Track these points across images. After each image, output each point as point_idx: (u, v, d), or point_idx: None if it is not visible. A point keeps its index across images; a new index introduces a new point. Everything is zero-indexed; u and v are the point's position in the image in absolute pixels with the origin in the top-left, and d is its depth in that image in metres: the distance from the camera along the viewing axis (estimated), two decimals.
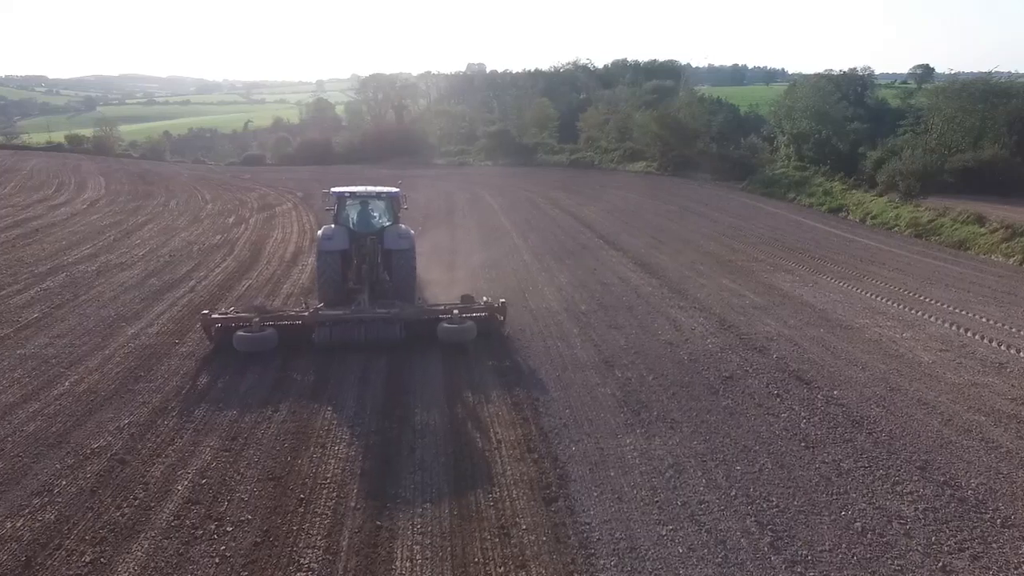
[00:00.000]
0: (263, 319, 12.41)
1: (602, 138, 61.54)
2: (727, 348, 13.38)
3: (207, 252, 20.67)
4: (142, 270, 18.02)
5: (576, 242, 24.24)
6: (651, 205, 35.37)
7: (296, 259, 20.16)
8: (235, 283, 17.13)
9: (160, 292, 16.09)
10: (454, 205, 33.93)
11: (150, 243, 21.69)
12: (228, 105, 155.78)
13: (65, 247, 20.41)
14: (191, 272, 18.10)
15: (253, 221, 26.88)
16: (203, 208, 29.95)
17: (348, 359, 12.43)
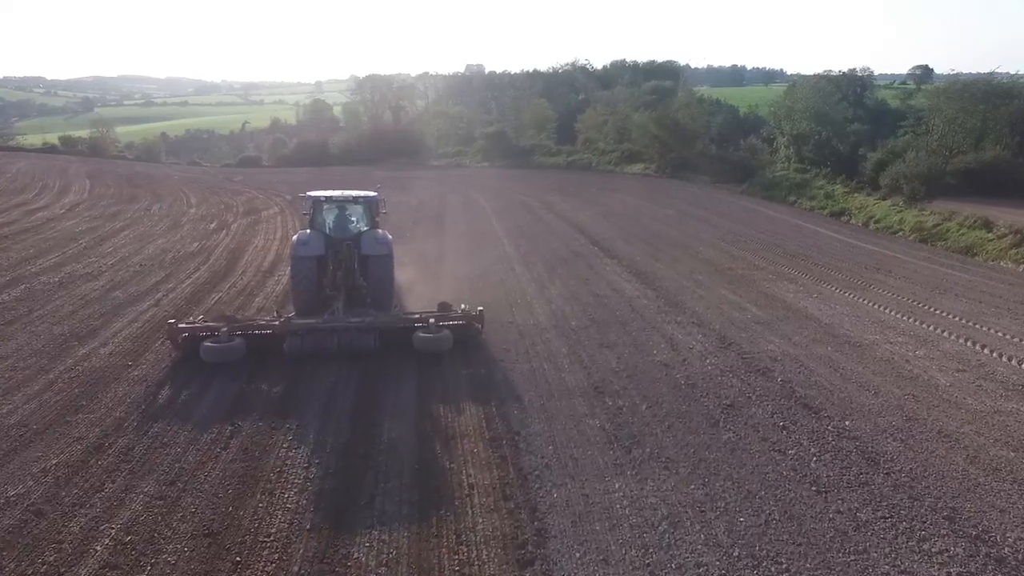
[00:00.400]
0: (231, 328, 11.86)
1: (600, 139, 60.39)
2: (728, 370, 12.24)
3: (181, 261, 19.53)
4: (107, 281, 16.89)
5: (569, 249, 23.09)
6: (648, 209, 34.22)
7: (274, 269, 19.03)
8: (205, 296, 16.01)
9: (122, 306, 14.96)
10: (446, 208, 32.79)
11: (122, 251, 20.55)
12: (226, 106, 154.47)
13: (31, 256, 19.28)
14: (159, 284, 16.97)
15: (236, 227, 25.75)
16: (186, 213, 28.81)
17: (318, 374, 11.53)
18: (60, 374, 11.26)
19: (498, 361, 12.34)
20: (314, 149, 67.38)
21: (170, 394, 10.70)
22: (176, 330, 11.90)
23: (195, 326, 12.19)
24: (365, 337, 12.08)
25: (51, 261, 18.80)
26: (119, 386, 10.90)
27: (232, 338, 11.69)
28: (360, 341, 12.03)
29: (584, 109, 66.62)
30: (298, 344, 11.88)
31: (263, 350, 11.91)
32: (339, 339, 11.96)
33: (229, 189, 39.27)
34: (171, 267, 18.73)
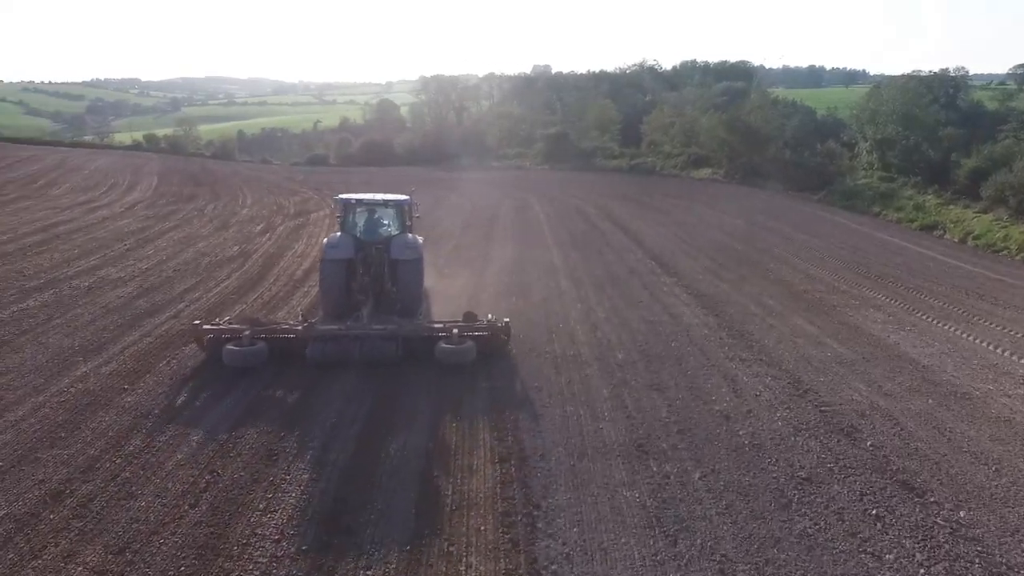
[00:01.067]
0: (254, 332, 11.49)
1: (666, 142, 57.52)
2: (803, 428, 10.02)
3: (216, 267, 18.64)
4: (136, 288, 16.07)
5: (624, 264, 20.98)
6: (714, 218, 31.56)
7: (306, 278, 17.85)
8: (228, 307, 14.90)
9: (141, 317, 14.00)
10: (498, 213, 31.16)
11: (163, 254, 19.88)
12: (301, 106, 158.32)
13: (73, 257, 18.81)
14: (186, 292, 16.02)
15: (281, 229, 24.91)
16: (237, 213, 28.29)
17: (330, 393, 10.37)
18: (50, 397, 10.21)
19: (526, 403, 10.53)
20: (378, 149, 67.24)
21: (156, 426, 9.44)
22: (201, 331, 11.65)
23: (219, 328, 11.86)
24: (387, 345, 11.53)
25: (90, 263, 18.24)
26: (106, 415, 9.73)
27: (255, 342, 11.28)
28: (382, 350, 11.49)
29: (651, 111, 63.77)
30: (320, 350, 11.43)
31: (286, 355, 11.53)
32: (361, 347, 11.45)
33: (287, 188, 38.97)
34: (204, 273, 17.83)
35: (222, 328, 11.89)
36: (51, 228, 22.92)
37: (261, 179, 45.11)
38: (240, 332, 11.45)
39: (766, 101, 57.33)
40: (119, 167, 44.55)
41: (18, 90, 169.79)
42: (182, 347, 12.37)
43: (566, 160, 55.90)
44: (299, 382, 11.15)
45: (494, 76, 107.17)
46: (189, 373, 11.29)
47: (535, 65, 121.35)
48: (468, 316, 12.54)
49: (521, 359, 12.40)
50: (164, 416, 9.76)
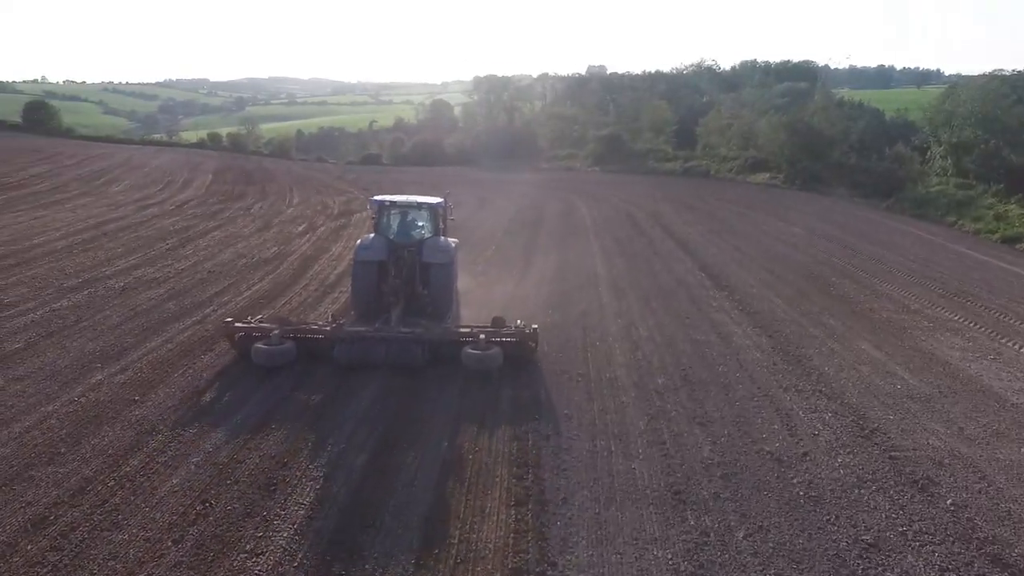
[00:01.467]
0: (283, 331, 11.41)
1: (722, 145, 55.28)
2: (869, 478, 8.67)
3: (251, 269, 18.30)
4: (168, 290, 15.82)
5: (671, 274, 19.65)
6: (772, 226, 29.70)
7: (339, 282, 17.29)
8: (255, 312, 14.39)
9: (168, 321, 13.65)
10: (543, 217, 30.13)
11: (202, 254, 19.72)
12: (358, 106, 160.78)
13: (115, 256, 18.81)
14: (218, 295, 15.66)
15: (322, 230, 24.57)
16: (282, 213, 28.19)
17: (343, 412, 9.55)
18: (60, 407, 9.81)
19: (552, 434, 9.51)
20: (430, 149, 67.23)
21: (157, 445, 8.88)
22: (232, 329, 11.64)
23: (249, 326, 11.80)
24: (414, 349, 11.36)
25: (129, 263, 18.18)
26: (111, 429, 9.24)
27: (283, 341, 11.20)
28: (408, 353, 11.33)
29: (707, 112, 61.49)
30: (346, 352, 11.31)
31: (314, 355, 11.48)
32: (387, 350, 11.32)
33: (335, 188, 38.96)
34: (238, 275, 17.50)
35: (252, 326, 11.78)
36: (102, 225, 23.20)
37: (312, 178, 45.41)
38: (269, 331, 11.35)
39: (830, 102, 54.44)
40: (179, 165, 45.61)
41: (99, 90, 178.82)
42: (201, 355, 11.90)
43: (618, 162, 54.37)
44: (316, 394, 10.50)
45: (547, 76, 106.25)
46: (202, 385, 10.76)
47: (590, 65, 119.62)
48: (496, 321, 12.22)
49: (551, 381, 11.39)
50: (168, 433, 9.20)
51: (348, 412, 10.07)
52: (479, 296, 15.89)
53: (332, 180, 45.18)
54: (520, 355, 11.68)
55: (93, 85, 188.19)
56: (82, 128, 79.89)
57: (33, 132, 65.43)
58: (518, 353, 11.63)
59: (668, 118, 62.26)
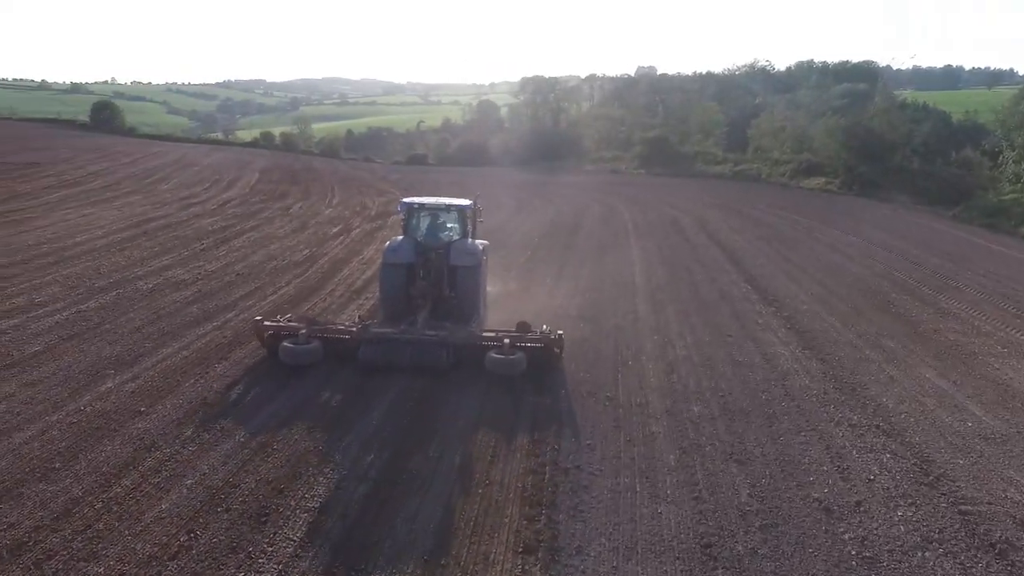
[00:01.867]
0: (310, 331, 11.44)
1: (774, 148, 53.01)
2: (934, 538, 7.49)
3: (280, 271, 17.97)
4: (195, 292, 15.58)
5: (715, 286, 18.43)
6: (826, 234, 27.97)
7: (366, 287, 16.79)
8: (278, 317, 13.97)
9: (188, 326, 13.33)
10: (582, 221, 29.13)
11: (234, 255, 19.54)
12: (408, 106, 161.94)
13: (149, 256, 18.77)
14: (242, 299, 15.32)
15: (357, 233, 24.21)
16: (320, 214, 28.02)
17: (352, 429, 9.03)
18: (64, 416, 9.47)
19: (572, 468, 8.61)
20: (475, 149, 66.92)
21: (153, 463, 8.40)
22: (262, 327, 11.73)
23: (279, 325, 11.88)
24: (438, 352, 11.26)
25: (162, 263, 18.10)
26: (110, 443, 8.82)
27: (310, 340, 11.24)
28: (432, 356, 11.24)
29: (760, 114, 59.20)
30: (371, 353, 11.29)
31: (340, 355, 11.49)
32: (412, 352, 11.27)
33: (376, 188, 38.82)
34: (266, 278, 17.18)
35: (281, 325, 11.83)
36: (143, 224, 23.39)
37: (356, 178, 45.50)
38: (297, 330, 11.38)
39: (892, 104, 51.55)
40: (229, 163, 46.37)
41: (163, 91, 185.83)
42: (215, 363, 11.49)
43: (664, 165, 52.80)
44: (329, 407, 9.94)
45: (595, 77, 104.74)
46: (212, 397, 10.30)
47: (639, 66, 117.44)
48: (521, 326, 11.88)
49: (577, 404, 10.52)
50: (166, 450, 8.72)
51: (358, 429, 9.49)
52: (509, 305, 15.10)
53: (375, 180, 45.18)
54: (545, 361, 11.41)
55: (158, 86, 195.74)
56: (144, 127, 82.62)
57: (99, 131, 68.10)
58: (543, 359, 11.38)
59: (718, 120, 60.26)
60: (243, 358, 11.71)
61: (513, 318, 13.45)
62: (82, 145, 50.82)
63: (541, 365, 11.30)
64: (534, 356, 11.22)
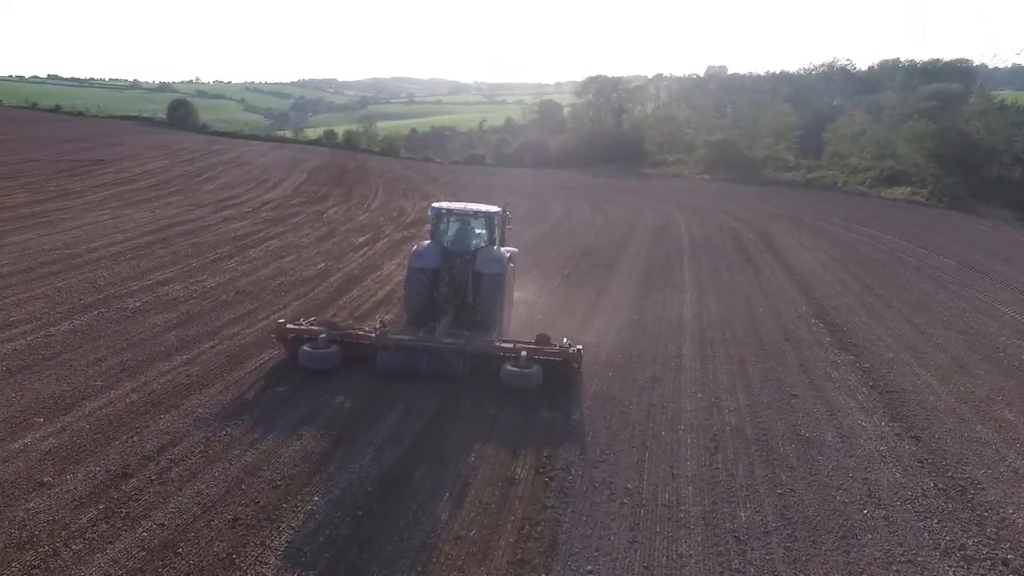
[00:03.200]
0: (330, 336, 11.27)
1: (853, 154, 48.04)
2: None
3: (286, 289, 16.09)
4: (181, 314, 13.81)
5: (779, 323, 15.32)
6: (913, 255, 24.03)
7: (375, 309, 14.70)
8: (257, 352, 12.00)
9: (154, 359, 11.47)
10: (633, 234, 26.20)
11: (245, 267, 17.83)
12: (472, 105, 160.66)
13: (156, 267, 17.26)
14: (231, 323, 13.45)
15: (384, 243, 22.22)
16: (352, 219, 26.25)
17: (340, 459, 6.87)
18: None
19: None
20: (534, 150, 64.51)
21: (22, 572, 6.42)
22: (285, 330, 11.52)
23: (301, 328, 11.60)
24: (455, 360, 10.90)
25: (164, 275, 16.55)
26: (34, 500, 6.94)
27: (329, 345, 11.08)
28: (449, 364, 10.89)
29: (838, 117, 54.05)
30: (389, 360, 11.01)
31: (359, 360, 11.23)
32: (429, 359, 10.95)
33: (424, 191, 37.02)
34: (267, 298, 15.31)
35: (303, 328, 11.56)
36: (168, 228, 22.17)
37: (407, 179, 43.93)
38: (317, 334, 11.20)
39: (989, 106, 45.73)
40: (283, 162, 45.75)
41: (241, 89, 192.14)
42: (161, 414, 9.53)
43: (730, 170, 48.82)
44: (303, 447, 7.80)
45: (662, 77, 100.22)
46: (134, 464, 8.30)
47: (709, 66, 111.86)
48: (541, 338, 11.35)
49: (583, 500, 7.92)
50: (46, 547, 6.75)
51: (352, 456, 7.35)
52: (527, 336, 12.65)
53: (425, 182, 43.48)
54: (563, 375, 11.01)
55: (237, 85, 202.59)
56: (219, 124, 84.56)
57: (175, 128, 69.86)
58: (562, 373, 10.98)
59: (791, 123, 55.49)
60: (196, 407, 9.73)
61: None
62: (152, 142, 51.56)
63: (560, 379, 10.89)
64: (552, 369, 10.76)
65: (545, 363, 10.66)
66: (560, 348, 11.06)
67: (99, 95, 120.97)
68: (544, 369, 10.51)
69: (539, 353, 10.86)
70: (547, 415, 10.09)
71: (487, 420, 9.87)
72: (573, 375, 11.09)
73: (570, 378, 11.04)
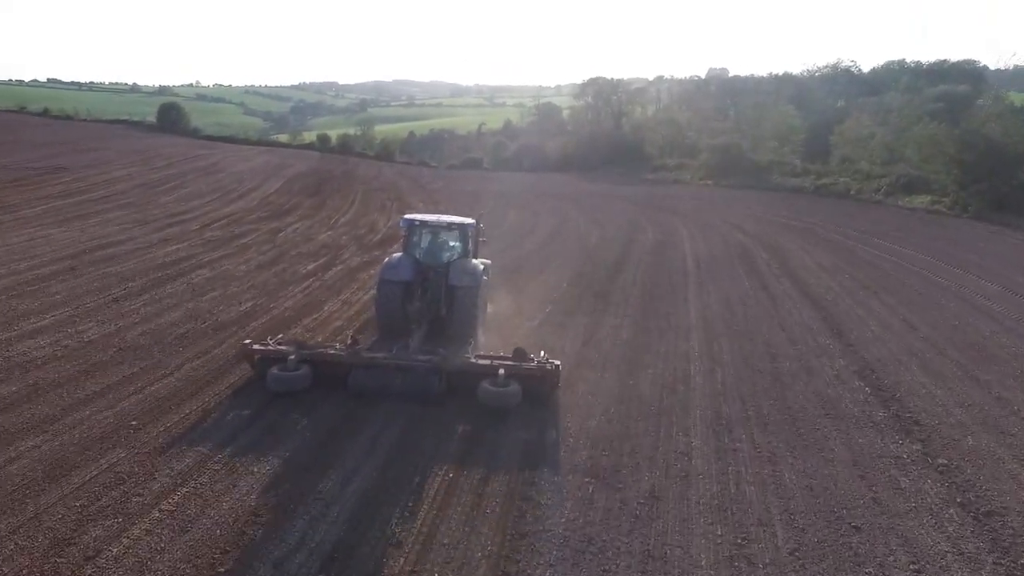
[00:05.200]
0: (299, 356, 10.25)
1: (862, 158, 44.11)
2: None
3: (184, 342, 12.34)
4: (27, 385, 10.12)
5: (813, 387, 11.51)
6: (949, 277, 20.21)
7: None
8: (114, 443, 8.32)
9: None
10: (630, 254, 22.40)
11: (150, 308, 14.12)
12: (472, 108, 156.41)
13: (38, 309, 13.54)
14: (78, 405, 9.71)
15: (338, 270, 18.51)
16: (312, 239, 22.52)
17: None
18: None
19: None
20: (532, 153, 60.82)
21: None
22: (251, 351, 10.58)
23: (268, 349, 10.64)
24: (430, 380, 10.08)
25: (36, 324, 12.79)
26: None
27: (299, 367, 10.15)
28: (424, 384, 10.08)
29: (844, 120, 50.12)
30: (361, 379, 10.17)
31: (331, 379, 10.21)
32: (403, 379, 10.10)
33: (406, 200, 33.30)
34: (158, 355, 11.60)
35: (270, 350, 10.62)
36: (86, 253, 18.52)
37: (394, 186, 40.20)
38: (286, 355, 10.32)
39: (1005, 108, 41.82)
40: (264, 168, 42.13)
41: (241, 92, 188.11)
42: None
43: (734, 176, 44.94)
44: None
45: (663, 79, 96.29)
46: None
47: (710, 68, 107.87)
48: (518, 353, 10.64)
49: None
50: None
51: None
52: (484, 436, 8.95)
53: (413, 189, 39.79)
54: (539, 390, 10.26)
55: (237, 88, 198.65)
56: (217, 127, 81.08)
57: (165, 132, 66.45)
58: (538, 389, 10.24)
59: (796, 125, 51.59)
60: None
61: (478, 455, 7.38)
62: (132, 147, 48.02)
63: (536, 394, 10.13)
64: (528, 385, 10.05)
65: (522, 379, 9.98)
66: (538, 364, 10.33)
67: (98, 98, 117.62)
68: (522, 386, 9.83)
69: (517, 370, 10.11)
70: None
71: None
72: (550, 391, 10.39)
73: (549, 394, 10.35)
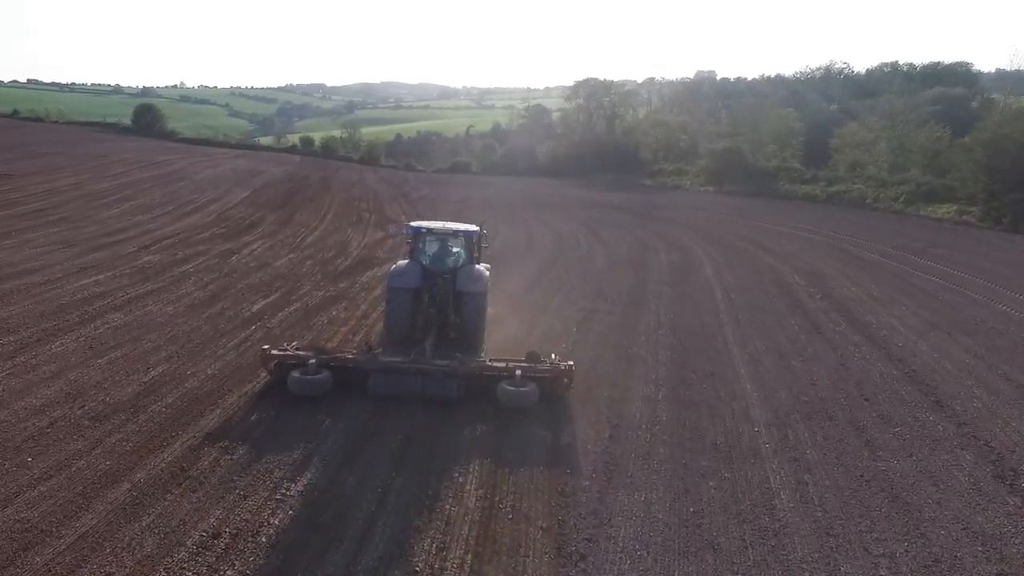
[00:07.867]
0: (320, 360, 10.03)
1: (870, 163, 40.65)
2: None
3: (45, 445, 8.21)
4: None
5: (934, 482, 7.64)
6: (1013, 303, 16.47)
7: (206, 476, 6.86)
8: None
9: None
10: (646, 285, 18.38)
11: (15, 382, 9.97)
12: (461, 110, 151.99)
13: None
14: None
15: (291, 311, 14.29)
16: (268, 265, 18.31)
17: None
18: None
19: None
20: (521, 157, 56.81)
21: None
22: (268, 356, 10.18)
23: (286, 354, 10.24)
24: (449, 383, 10.06)
25: None
26: None
27: (320, 370, 9.91)
28: (444, 387, 10.01)
29: (843, 122, 46.77)
30: (382, 383, 10.02)
31: (350, 384, 10.07)
32: (423, 382, 10.02)
33: (385, 212, 29.15)
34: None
35: (289, 354, 10.20)
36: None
37: (374, 194, 36.00)
38: (305, 360, 9.94)
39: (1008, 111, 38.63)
40: (233, 175, 37.69)
41: (226, 94, 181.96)
42: None
43: (737, 182, 41.20)
44: None
45: (654, 81, 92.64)
46: None
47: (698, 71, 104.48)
48: (531, 356, 10.60)
49: None
50: None
51: None
52: None
53: (395, 196, 35.63)
54: (553, 390, 10.25)
55: (223, 90, 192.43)
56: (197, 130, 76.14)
57: (140, 134, 61.80)
58: (551, 389, 10.26)
59: (795, 128, 48.15)
60: None
61: None
62: (94, 151, 43.37)
63: (550, 394, 10.05)
64: (543, 386, 10.05)
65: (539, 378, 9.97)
66: (552, 365, 10.35)
67: (78, 100, 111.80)
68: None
69: (532, 371, 10.12)
70: None
71: None
72: (564, 390, 10.28)
73: (562, 394, 10.20)
